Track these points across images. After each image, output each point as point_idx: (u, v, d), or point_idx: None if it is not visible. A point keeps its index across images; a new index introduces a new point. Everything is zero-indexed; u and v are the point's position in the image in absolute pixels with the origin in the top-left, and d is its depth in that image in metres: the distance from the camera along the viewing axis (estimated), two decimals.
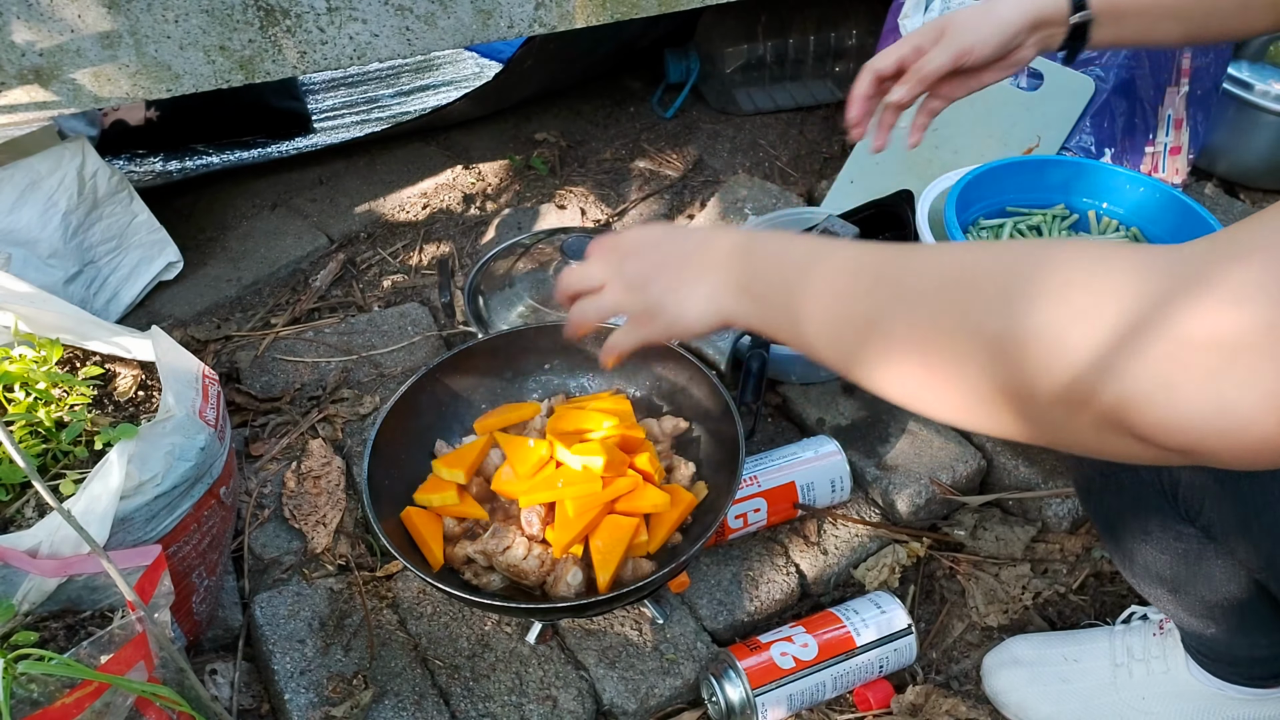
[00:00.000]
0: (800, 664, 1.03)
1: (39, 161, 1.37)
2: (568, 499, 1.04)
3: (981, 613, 1.16)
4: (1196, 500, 0.74)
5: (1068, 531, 1.23)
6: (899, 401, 0.55)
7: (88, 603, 0.87)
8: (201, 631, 1.09)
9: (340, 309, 1.58)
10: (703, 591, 1.14)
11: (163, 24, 1.27)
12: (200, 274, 1.63)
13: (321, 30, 1.34)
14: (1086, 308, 0.44)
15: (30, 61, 1.24)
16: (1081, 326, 0.44)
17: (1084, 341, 0.44)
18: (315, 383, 1.40)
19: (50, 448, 0.95)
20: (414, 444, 1.15)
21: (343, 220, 1.76)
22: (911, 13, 1.55)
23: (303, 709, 1.02)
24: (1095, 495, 0.85)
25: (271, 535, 1.21)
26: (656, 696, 1.04)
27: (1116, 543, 0.87)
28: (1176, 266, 0.43)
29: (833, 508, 1.22)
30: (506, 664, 1.07)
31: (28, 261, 1.37)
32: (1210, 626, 0.88)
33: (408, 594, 1.14)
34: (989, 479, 1.29)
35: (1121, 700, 0.99)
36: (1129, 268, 0.45)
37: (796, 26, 1.91)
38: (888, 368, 0.54)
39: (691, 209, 1.76)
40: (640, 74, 2.12)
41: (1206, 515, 0.74)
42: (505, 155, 1.92)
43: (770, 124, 1.95)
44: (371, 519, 1.02)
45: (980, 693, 1.09)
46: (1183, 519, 0.78)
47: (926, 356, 0.51)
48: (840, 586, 1.19)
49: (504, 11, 1.42)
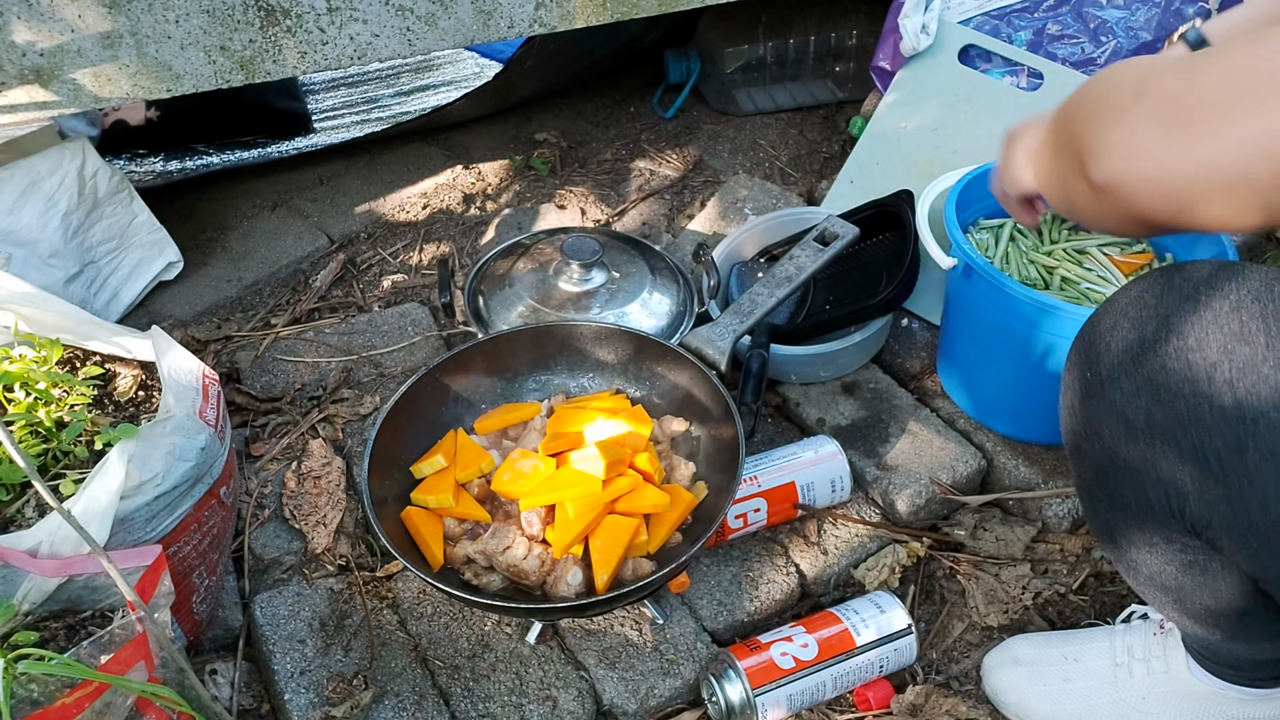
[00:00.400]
0: (800, 664, 1.03)
1: (39, 161, 1.37)
2: (568, 500, 1.04)
3: (981, 613, 1.16)
4: (1204, 519, 0.73)
5: (1068, 532, 1.23)
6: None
7: (88, 603, 0.87)
8: (202, 631, 1.09)
9: (340, 309, 1.58)
10: (703, 591, 1.14)
11: (163, 24, 1.27)
12: (200, 274, 1.63)
13: (322, 30, 1.34)
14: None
15: (31, 61, 1.24)
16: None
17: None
18: (315, 383, 1.40)
19: (50, 448, 0.95)
20: (414, 444, 1.15)
21: (343, 220, 1.76)
22: (911, 13, 1.56)
23: (303, 709, 1.02)
24: (1099, 508, 0.85)
25: (272, 535, 1.21)
26: (656, 697, 1.04)
27: (1120, 553, 0.87)
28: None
29: (833, 508, 1.22)
30: (506, 664, 1.07)
31: (28, 261, 1.37)
32: (1213, 631, 0.88)
33: (408, 594, 1.14)
34: (989, 479, 1.29)
35: (1122, 700, 0.99)
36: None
37: (796, 26, 1.91)
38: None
39: (691, 209, 1.76)
40: (640, 74, 2.12)
41: (1215, 533, 0.74)
42: (505, 155, 1.92)
43: (770, 124, 1.95)
44: (371, 519, 1.02)
45: (980, 693, 1.09)
46: (1189, 534, 0.77)
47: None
48: (840, 586, 1.19)
49: (504, 11, 1.42)
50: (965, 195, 1.27)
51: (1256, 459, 0.67)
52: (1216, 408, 0.67)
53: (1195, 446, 0.70)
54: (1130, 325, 0.73)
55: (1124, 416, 0.73)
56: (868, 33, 1.89)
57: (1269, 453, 0.66)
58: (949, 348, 1.36)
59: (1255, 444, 0.67)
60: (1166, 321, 0.70)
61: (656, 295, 1.36)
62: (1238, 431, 0.67)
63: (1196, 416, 0.69)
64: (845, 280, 1.45)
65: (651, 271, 1.38)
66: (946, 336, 1.36)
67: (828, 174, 1.81)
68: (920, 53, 1.57)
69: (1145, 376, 0.71)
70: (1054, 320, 1.11)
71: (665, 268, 1.40)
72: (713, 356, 1.16)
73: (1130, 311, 0.73)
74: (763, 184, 1.73)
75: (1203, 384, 0.68)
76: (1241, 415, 0.66)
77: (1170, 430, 0.71)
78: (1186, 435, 0.70)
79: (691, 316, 1.35)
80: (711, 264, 1.39)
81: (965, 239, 1.20)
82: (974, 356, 1.30)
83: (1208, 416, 0.68)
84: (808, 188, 1.80)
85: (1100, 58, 1.46)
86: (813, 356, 1.34)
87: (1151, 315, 0.71)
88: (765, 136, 1.92)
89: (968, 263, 1.17)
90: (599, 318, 1.30)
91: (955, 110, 1.55)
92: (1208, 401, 0.68)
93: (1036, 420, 1.26)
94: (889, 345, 1.45)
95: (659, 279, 1.38)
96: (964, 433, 1.31)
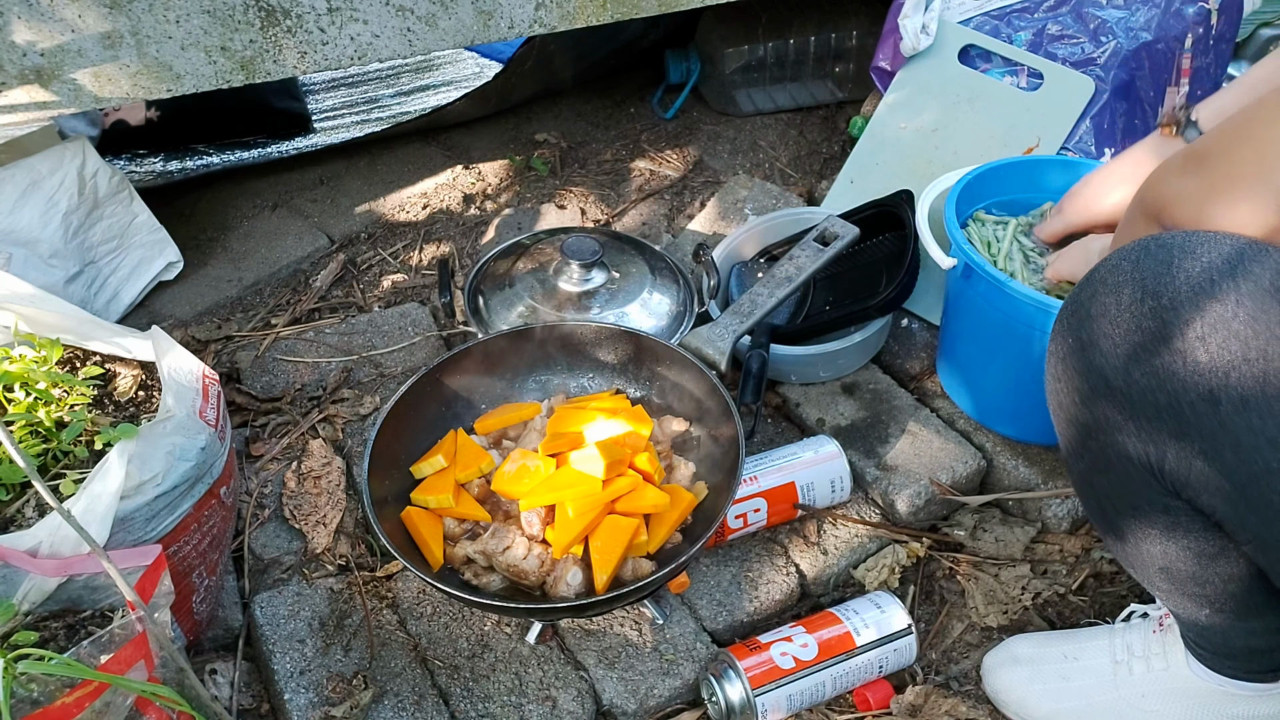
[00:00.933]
0: (800, 664, 1.03)
1: (39, 161, 1.37)
2: (568, 500, 1.04)
3: (981, 613, 1.16)
4: (1183, 475, 0.75)
5: (1068, 532, 1.23)
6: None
7: (88, 603, 0.87)
8: (201, 631, 1.09)
9: (340, 309, 1.58)
10: (703, 591, 1.14)
11: (164, 24, 1.27)
12: (200, 274, 1.63)
13: (322, 31, 1.34)
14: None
15: (31, 61, 1.24)
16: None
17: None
18: (315, 383, 1.40)
19: (50, 448, 0.95)
20: (414, 444, 1.15)
21: (343, 220, 1.76)
22: (911, 13, 1.56)
23: (303, 709, 1.02)
24: (1086, 477, 0.86)
25: (272, 535, 1.21)
26: (656, 697, 1.04)
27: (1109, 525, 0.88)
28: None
29: (833, 508, 1.22)
30: (506, 664, 1.07)
31: (28, 261, 1.37)
32: (1204, 608, 0.88)
33: (408, 594, 1.14)
34: (989, 479, 1.29)
35: (1121, 698, 0.99)
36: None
37: (796, 27, 1.91)
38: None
39: (691, 209, 1.76)
40: (640, 74, 2.12)
41: (1193, 489, 0.76)
42: (505, 155, 1.92)
43: (770, 124, 1.95)
44: (371, 519, 1.02)
45: (980, 693, 1.09)
46: (1170, 493, 0.79)
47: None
48: (840, 587, 1.19)
49: (504, 12, 1.42)
50: (965, 195, 1.27)
51: (1229, 410, 0.70)
52: (1190, 362, 0.70)
53: (1171, 402, 0.72)
54: (1108, 290, 0.76)
55: (1104, 376, 0.76)
56: (868, 33, 1.89)
57: (1240, 403, 0.69)
58: (949, 348, 1.36)
59: (1227, 396, 0.70)
60: (1142, 284, 0.73)
61: (656, 295, 1.36)
62: (1210, 383, 0.70)
63: (1171, 371, 0.72)
64: (845, 280, 1.45)
65: (651, 271, 1.38)
66: (946, 337, 1.36)
67: (828, 174, 1.81)
68: (920, 53, 1.57)
69: (1123, 337, 0.74)
70: (1054, 320, 1.10)
71: (665, 268, 1.40)
72: (713, 356, 1.16)
73: (1109, 279, 0.76)
74: (763, 184, 1.74)
75: (1176, 340, 0.71)
76: (1213, 368, 0.69)
77: (1148, 387, 0.73)
78: (1163, 390, 0.72)
79: (691, 316, 1.35)
80: (711, 264, 1.39)
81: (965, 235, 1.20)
82: (974, 357, 1.30)
83: (1181, 371, 0.71)
84: (808, 188, 1.80)
85: (1100, 58, 1.46)
86: (813, 356, 1.34)
87: (1128, 280, 0.75)
88: (765, 137, 1.92)
89: (967, 263, 1.17)
90: (599, 318, 1.30)
91: (955, 110, 1.55)
92: (1181, 357, 0.71)
93: (1036, 420, 1.26)
94: (889, 345, 1.45)
95: (659, 279, 1.38)
96: (964, 433, 1.31)
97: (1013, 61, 1.52)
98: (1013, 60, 1.52)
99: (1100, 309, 0.77)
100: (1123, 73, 1.45)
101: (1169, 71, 1.52)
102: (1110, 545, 0.91)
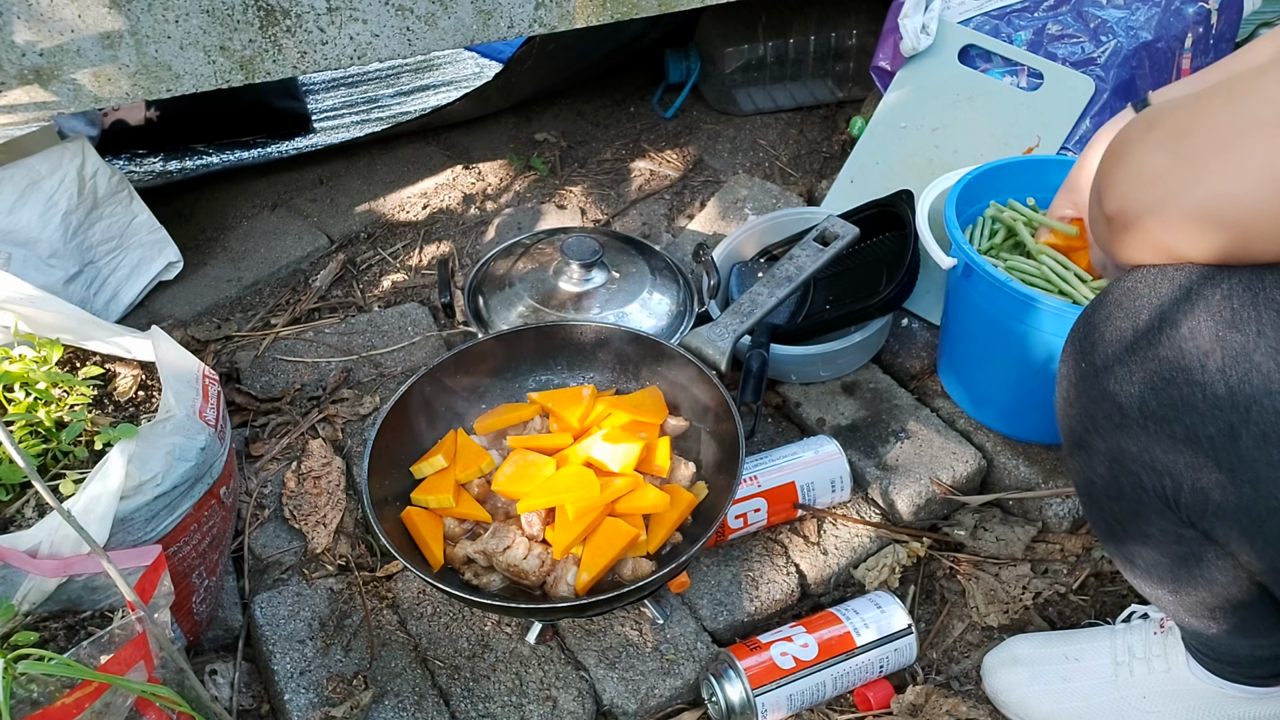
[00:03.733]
0: (800, 664, 1.03)
1: (39, 161, 1.37)
2: (568, 501, 1.04)
3: (982, 613, 1.16)
4: (1199, 507, 0.74)
5: (1068, 531, 1.23)
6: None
7: (88, 603, 0.87)
8: (201, 631, 1.09)
9: (340, 309, 1.58)
10: (703, 591, 1.14)
11: (163, 24, 1.27)
12: (200, 274, 1.63)
13: (322, 30, 1.34)
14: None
15: (30, 61, 1.24)
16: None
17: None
18: (315, 383, 1.40)
19: (50, 448, 0.95)
20: (414, 444, 1.15)
21: (343, 220, 1.76)
22: (911, 13, 1.56)
23: (303, 709, 1.02)
24: (1096, 500, 0.85)
25: (271, 535, 1.21)
26: (656, 697, 1.04)
27: (1117, 546, 0.87)
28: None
29: (833, 508, 1.22)
30: (506, 664, 1.07)
31: (28, 261, 1.37)
32: (1211, 627, 0.88)
33: (408, 594, 1.14)
34: (989, 479, 1.29)
35: (1122, 699, 0.99)
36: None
37: (796, 26, 1.91)
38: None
39: (691, 209, 1.76)
40: (640, 74, 2.12)
41: (1209, 521, 0.74)
42: (505, 155, 1.92)
43: (770, 124, 1.95)
44: (371, 519, 1.02)
45: (980, 693, 1.09)
46: (1184, 524, 0.77)
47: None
48: (840, 586, 1.19)
49: (504, 11, 1.42)
50: (965, 195, 1.27)
51: (1249, 445, 0.67)
52: (1210, 395, 0.68)
53: (1189, 434, 0.70)
54: (1124, 315, 0.73)
55: (1119, 405, 0.74)
56: (868, 33, 1.89)
57: (1261, 438, 0.67)
58: (949, 348, 1.36)
59: (1248, 430, 0.67)
60: (1159, 310, 0.71)
61: (656, 295, 1.36)
62: (1230, 418, 0.67)
63: (1189, 404, 0.69)
64: (845, 280, 1.45)
65: (651, 271, 1.38)
66: (946, 336, 1.36)
67: (828, 174, 1.81)
68: (920, 53, 1.57)
69: (1139, 365, 0.72)
70: (1054, 320, 1.11)
71: (665, 268, 1.40)
72: (713, 356, 1.16)
73: (1124, 302, 0.74)
74: (763, 184, 1.73)
75: (1196, 372, 0.68)
76: (1234, 402, 0.67)
77: (1164, 418, 0.71)
78: (1180, 422, 0.70)
79: (691, 316, 1.35)
80: (711, 264, 1.39)
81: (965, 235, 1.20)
82: (974, 356, 1.30)
83: (1200, 404, 0.68)
84: (808, 188, 1.80)
85: (1100, 57, 1.46)
86: (813, 356, 1.34)
87: (1144, 305, 0.72)
88: (765, 136, 1.92)
89: (967, 263, 1.17)
90: (599, 318, 1.30)
91: (955, 110, 1.55)
92: (1201, 389, 0.68)
93: (1037, 420, 1.26)
94: (889, 345, 1.45)
95: (659, 279, 1.38)
96: (964, 433, 1.31)
97: (1013, 61, 1.52)
98: (1013, 60, 1.52)
99: (1116, 334, 0.74)
100: (1123, 72, 1.45)
101: (1169, 71, 1.52)
102: (1119, 565, 0.90)
